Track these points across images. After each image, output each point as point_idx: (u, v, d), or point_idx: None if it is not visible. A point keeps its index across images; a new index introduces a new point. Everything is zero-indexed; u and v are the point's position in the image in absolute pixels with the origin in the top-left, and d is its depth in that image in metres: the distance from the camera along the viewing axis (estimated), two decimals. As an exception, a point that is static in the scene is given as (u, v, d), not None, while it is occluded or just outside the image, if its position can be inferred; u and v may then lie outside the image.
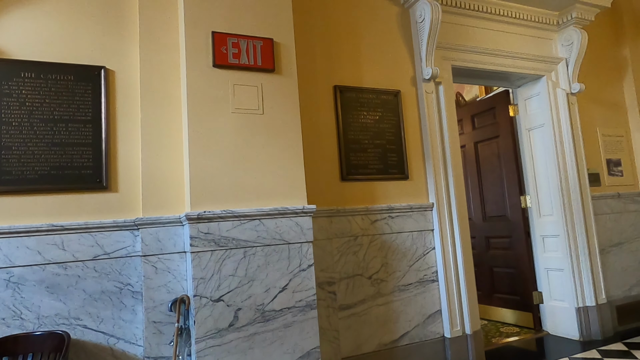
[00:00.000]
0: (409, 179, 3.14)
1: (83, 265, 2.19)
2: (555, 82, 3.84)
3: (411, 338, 2.97)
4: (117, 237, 2.26)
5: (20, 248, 2.09)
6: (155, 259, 2.27)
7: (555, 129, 3.76)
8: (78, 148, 2.27)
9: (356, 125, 3.02)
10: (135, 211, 2.33)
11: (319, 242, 2.74)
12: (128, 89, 2.42)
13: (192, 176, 2.22)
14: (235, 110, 2.35)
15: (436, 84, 3.29)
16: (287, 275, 2.31)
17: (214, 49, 2.33)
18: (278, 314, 2.26)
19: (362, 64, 3.13)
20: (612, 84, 4.27)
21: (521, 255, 3.96)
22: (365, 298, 2.87)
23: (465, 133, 4.54)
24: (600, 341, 3.54)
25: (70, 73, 2.30)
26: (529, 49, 3.77)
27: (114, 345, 2.20)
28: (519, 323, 4.01)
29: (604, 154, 4.07)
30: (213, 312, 2.14)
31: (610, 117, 4.19)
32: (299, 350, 2.27)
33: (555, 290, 3.76)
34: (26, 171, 2.16)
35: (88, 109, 2.31)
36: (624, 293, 3.89)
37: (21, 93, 2.20)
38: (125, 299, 2.25)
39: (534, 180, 3.93)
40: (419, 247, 3.09)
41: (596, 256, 3.70)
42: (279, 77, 2.48)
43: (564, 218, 3.66)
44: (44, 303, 2.11)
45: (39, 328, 2.08)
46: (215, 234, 2.19)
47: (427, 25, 3.14)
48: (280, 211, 2.31)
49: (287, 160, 2.42)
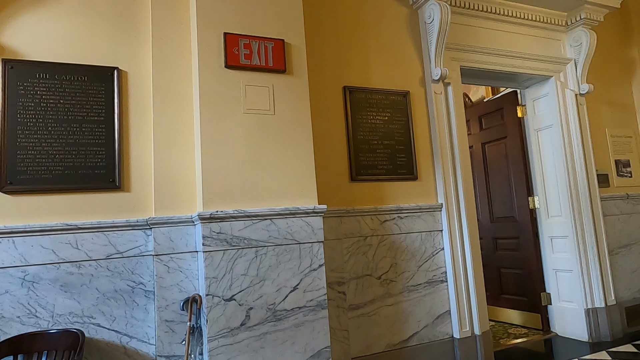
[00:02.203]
0: (418, 179, 3.15)
1: (96, 264, 2.21)
2: (563, 82, 3.84)
3: (420, 338, 2.97)
4: (129, 237, 2.28)
5: (35, 247, 2.12)
6: (168, 258, 2.29)
7: (563, 129, 3.75)
8: (91, 148, 2.29)
9: (365, 126, 3.03)
10: (148, 211, 2.35)
11: (329, 242, 2.75)
12: (140, 90, 2.44)
13: (204, 176, 2.24)
14: (246, 110, 2.37)
15: (445, 85, 3.29)
16: (298, 275, 2.32)
17: (225, 49, 2.35)
18: (289, 313, 2.27)
19: (371, 65, 3.14)
20: (620, 84, 4.25)
21: (529, 256, 3.95)
22: (374, 298, 2.88)
23: (473, 134, 4.54)
24: (610, 343, 3.53)
25: (84, 74, 2.32)
26: (537, 49, 3.76)
27: (127, 344, 2.22)
28: (527, 324, 4.00)
29: (613, 154, 4.06)
30: (225, 311, 2.15)
31: (619, 118, 4.18)
32: (309, 350, 2.28)
33: (564, 292, 3.75)
34: (41, 171, 2.18)
35: (101, 109, 2.33)
36: (633, 295, 3.88)
37: (36, 94, 2.23)
38: (137, 298, 2.27)
39: (542, 181, 3.92)
40: (427, 247, 3.09)
41: (605, 257, 3.69)
42: (290, 78, 2.49)
43: (572, 219, 3.65)
44: (58, 301, 2.13)
45: (54, 326, 2.10)
46: (227, 233, 2.20)
47: (436, 26, 3.15)
48: (292, 211, 2.33)
49: (298, 160, 2.44)
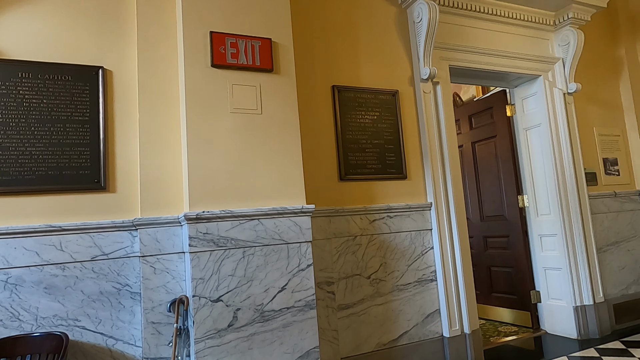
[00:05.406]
0: (407, 178, 3.15)
1: (81, 266, 2.18)
2: (552, 82, 3.86)
3: (410, 337, 2.97)
4: (115, 238, 2.26)
5: (18, 249, 2.08)
6: (154, 259, 2.27)
7: (552, 128, 3.78)
8: (76, 148, 2.26)
9: (354, 125, 3.03)
10: (134, 211, 2.33)
11: (317, 242, 2.74)
12: (126, 89, 2.42)
13: (191, 176, 2.22)
14: (233, 110, 2.35)
15: (434, 84, 3.30)
16: (286, 275, 2.31)
17: (212, 48, 2.33)
18: (277, 314, 2.26)
19: (360, 64, 3.13)
20: (608, 83, 4.29)
21: (519, 255, 3.97)
22: (364, 298, 2.87)
23: (463, 133, 4.55)
24: (598, 340, 3.55)
25: (68, 73, 2.29)
26: (526, 49, 3.78)
27: (113, 347, 2.20)
28: (517, 322, 4.02)
29: (601, 153, 4.09)
30: (212, 312, 2.13)
31: (607, 117, 4.21)
32: (298, 350, 2.27)
33: (553, 289, 3.77)
34: (24, 172, 2.15)
35: (86, 109, 2.30)
36: (621, 292, 3.91)
37: (19, 93, 2.19)
38: (123, 300, 2.24)
39: (532, 179, 3.94)
40: (417, 246, 3.09)
41: (593, 255, 3.72)
42: (278, 77, 2.48)
43: (561, 217, 3.68)
44: (42, 304, 2.10)
45: (37, 329, 2.07)
46: (214, 234, 2.19)
47: (424, 25, 3.15)
48: (279, 211, 2.31)
49: (285, 160, 2.42)
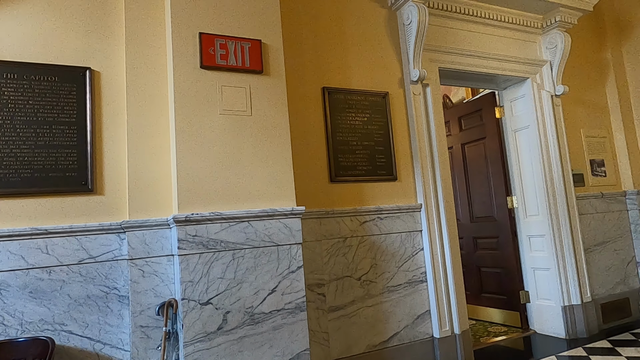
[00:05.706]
0: (398, 180, 3.16)
1: (68, 269, 2.15)
2: (540, 84, 3.90)
3: (400, 339, 2.97)
4: (103, 241, 2.23)
5: (2, 252, 2.05)
6: (142, 262, 2.24)
7: (540, 130, 3.82)
8: (63, 150, 2.23)
9: (345, 127, 3.03)
10: (122, 214, 2.30)
11: (308, 244, 2.74)
12: (114, 90, 2.39)
13: (180, 178, 2.20)
14: (223, 111, 2.34)
15: (423, 86, 3.31)
16: (276, 278, 2.30)
17: (201, 50, 2.32)
18: (267, 316, 2.25)
19: (350, 66, 3.14)
20: (595, 86, 4.35)
21: (508, 255, 4.00)
22: (354, 299, 2.87)
23: (453, 135, 4.58)
24: (586, 339, 3.59)
25: (54, 74, 2.26)
26: (514, 51, 3.82)
27: (100, 351, 2.17)
28: (507, 322, 4.05)
29: (588, 154, 4.14)
30: (201, 315, 2.12)
31: (594, 119, 4.27)
32: (288, 353, 2.26)
33: (542, 290, 3.81)
34: (9, 174, 2.11)
35: (73, 111, 2.27)
36: (608, 291, 3.96)
37: (3, 95, 2.16)
38: (111, 304, 2.21)
39: (520, 181, 3.98)
40: (407, 248, 3.10)
41: (581, 255, 3.76)
42: (268, 79, 2.47)
43: (549, 218, 3.72)
44: (28, 309, 2.06)
45: (23, 334, 2.04)
46: (204, 236, 2.17)
47: (414, 27, 3.16)
48: (269, 213, 2.30)
49: (275, 161, 2.42)
